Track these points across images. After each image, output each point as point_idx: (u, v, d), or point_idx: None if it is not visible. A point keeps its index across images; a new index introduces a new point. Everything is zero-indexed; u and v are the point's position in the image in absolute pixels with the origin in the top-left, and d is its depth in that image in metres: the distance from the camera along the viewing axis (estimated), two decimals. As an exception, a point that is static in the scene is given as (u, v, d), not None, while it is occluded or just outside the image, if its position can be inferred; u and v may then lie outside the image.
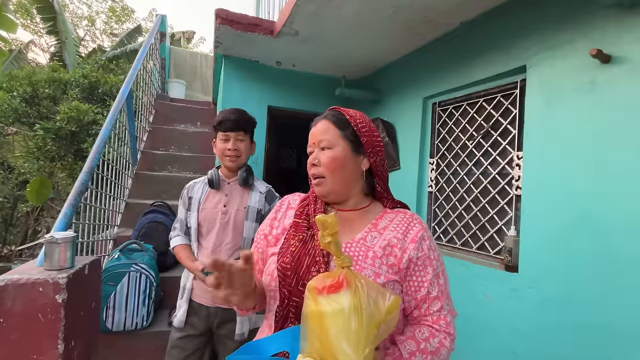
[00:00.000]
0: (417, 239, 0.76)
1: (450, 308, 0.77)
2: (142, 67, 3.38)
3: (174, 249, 1.53)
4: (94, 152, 2.00)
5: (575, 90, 1.43)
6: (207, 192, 1.53)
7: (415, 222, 0.79)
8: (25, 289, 1.29)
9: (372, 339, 0.55)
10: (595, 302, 1.30)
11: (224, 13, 2.18)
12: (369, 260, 0.73)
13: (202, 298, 1.48)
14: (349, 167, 0.79)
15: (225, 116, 1.49)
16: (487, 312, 1.70)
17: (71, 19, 10.87)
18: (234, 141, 1.48)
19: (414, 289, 0.75)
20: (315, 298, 0.59)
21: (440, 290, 0.76)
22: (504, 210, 1.78)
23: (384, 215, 0.81)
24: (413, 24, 2.01)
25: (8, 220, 6.58)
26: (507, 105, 1.81)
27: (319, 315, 0.57)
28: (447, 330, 0.74)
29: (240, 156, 1.50)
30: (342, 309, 0.55)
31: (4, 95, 4.69)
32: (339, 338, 0.55)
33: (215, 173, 1.52)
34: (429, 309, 0.75)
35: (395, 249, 0.75)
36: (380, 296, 0.58)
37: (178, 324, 1.47)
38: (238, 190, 1.52)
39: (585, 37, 1.41)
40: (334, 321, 0.55)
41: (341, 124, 0.81)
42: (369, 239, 0.77)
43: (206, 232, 1.49)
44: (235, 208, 1.49)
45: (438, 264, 0.77)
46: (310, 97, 3.00)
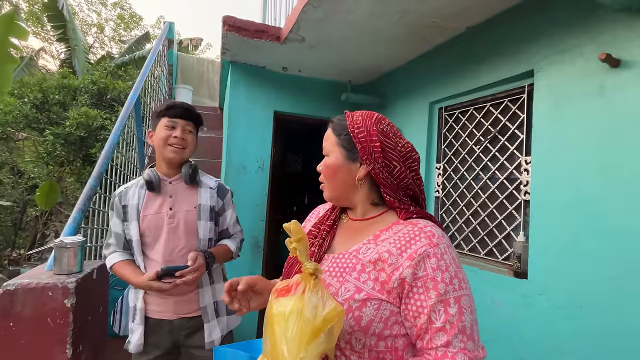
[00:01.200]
0: (415, 256, 0.64)
1: (465, 346, 0.62)
2: (150, 74, 3.42)
3: (113, 268, 1.32)
4: (102, 158, 2.03)
5: (584, 95, 1.41)
6: (146, 197, 1.34)
7: (422, 236, 0.67)
8: (35, 294, 1.31)
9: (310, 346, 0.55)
10: (606, 309, 1.28)
11: (231, 20, 2.20)
12: (355, 274, 0.68)
13: (161, 313, 1.32)
14: (342, 174, 0.77)
15: (175, 103, 1.35)
16: (495, 319, 1.68)
17: (81, 26, 11.07)
18: (182, 130, 1.33)
19: (412, 314, 0.64)
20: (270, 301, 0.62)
21: (447, 321, 0.62)
22: (512, 215, 1.77)
23: (393, 227, 0.73)
24: (419, 29, 2.01)
25: (17, 225, 6.67)
26: (514, 109, 1.80)
27: (270, 317, 0.60)
28: None
29: (185, 148, 1.34)
30: (284, 312, 0.57)
31: (15, 101, 4.78)
32: (281, 340, 0.56)
33: (153, 173, 1.32)
34: (432, 341, 0.62)
35: (385, 265, 0.66)
36: (320, 303, 0.57)
37: (136, 349, 1.30)
38: (183, 189, 1.36)
39: (593, 42, 1.40)
40: (278, 324, 0.57)
41: (339, 130, 0.78)
42: (363, 251, 0.71)
43: (152, 241, 1.31)
44: (184, 209, 1.33)
45: (449, 288, 0.63)
46: (316, 102, 3.01)
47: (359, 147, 0.74)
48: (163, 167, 1.37)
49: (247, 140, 2.81)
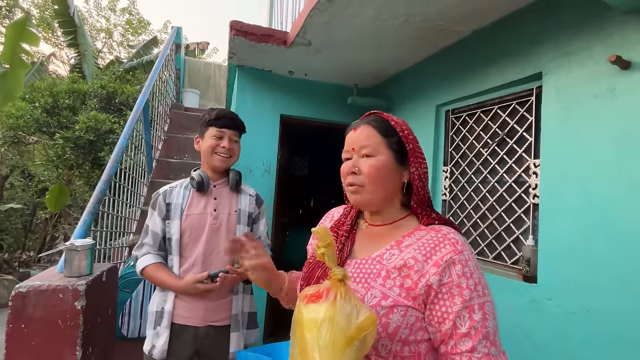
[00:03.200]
0: (441, 263, 0.65)
1: (488, 352, 0.62)
2: (158, 78, 3.46)
3: (146, 270, 1.33)
4: (112, 161, 2.05)
5: (593, 97, 1.40)
6: (191, 197, 1.38)
7: (446, 242, 0.68)
8: (46, 296, 1.33)
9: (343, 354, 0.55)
10: (618, 314, 1.26)
11: (238, 25, 2.22)
12: (380, 280, 0.68)
13: (188, 319, 1.32)
14: (391, 178, 0.74)
15: (223, 112, 1.40)
16: (504, 324, 1.66)
17: (90, 31, 11.27)
18: (229, 140, 1.38)
19: (437, 320, 0.64)
20: (299, 306, 0.61)
21: (472, 326, 0.62)
22: (520, 219, 1.75)
23: (415, 232, 0.73)
24: (425, 32, 2.01)
25: (28, 227, 6.78)
26: (522, 112, 1.79)
27: (299, 323, 0.59)
28: None
29: (232, 157, 1.40)
30: (316, 319, 0.56)
31: (27, 105, 4.87)
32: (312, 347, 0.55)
33: (203, 174, 1.38)
34: (456, 347, 0.63)
35: (412, 272, 0.66)
36: (354, 311, 0.57)
37: (160, 354, 1.27)
38: (226, 194, 1.42)
39: (603, 43, 1.39)
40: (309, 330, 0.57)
41: (386, 131, 0.75)
42: (386, 257, 0.71)
43: (191, 240, 1.34)
44: (226, 212, 1.38)
45: (474, 295, 0.64)
46: (323, 106, 3.02)
47: (410, 151, 0.75)
48: (208, 171, 1.42)
49: (253, 143, 2.82)
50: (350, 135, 0.78)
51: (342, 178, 0.79)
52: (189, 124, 4.12)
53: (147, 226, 1.39)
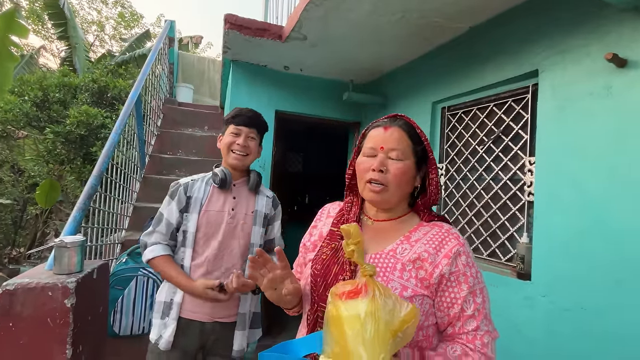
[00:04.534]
0: (451, 255, 0.73)
1: (488, 329, 0.73)
2: (151, 72, 3.41)
3: (154, 261, 1.31)
4: (103, 156, 2.01)
5: (589, 95, 1.40)
6: (211, 192, 1.38)
7: (451, 237, 0.76)
8: (35, 293, 1.30)
9: (387, 346, 0.57)
10: (611, 311, 1.27)
11: (232, 18, 2.19)
12: (397, 273, 0.73)
13: (195, 313, 1.31)
14: (410, 182, 0.80)
15: (241, 111, 1.40)
16: (497, 321, 1.66)
17: (81, 24, 11.05)
18: (245, 137, 1.36)
19: (447, 305, 0.72)
20: (335, 303, 0.62)
21: (476, 309, 0.72)
22: (515, 216, 1.75)
23: (419, 228, 0.79)
24: (421, 28, 2.00)
25: (18, 223, 6.67)
26: (518, 109, 1.79)
27: (338, 319, 0.60)
28: (482, 351, 0.70)
29: (248, 155, 1.38)
30: (359, 314, 0.58)
31: (16, 99, 4.77)
32: (355, 342, 0.57)
33: (227, 172, 1.37)
34: (463, 327, 0.72)
35: (426, 263, 0.73)
36: (397, 305, 0.60)
37: (166, 345, 1.27)
38: (245, 193, 1.42)
39: (599, 41, 1.39)
40: (351, 326, 0.58)
41: (415, 138, 0.80)
42: (399, 251, 0.76)
43: (205, 237, 1.34)
44: (243, 212, 1.38)
45: (475, 281, 0.73)
46: (318, 102, 3.00)
47: (431, 159, 0.81)
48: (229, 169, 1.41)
49: (248, 139, 2.79)
50: (380, 133, 0.80)
51: (362, 172, 0.80)
52: (182, 119, 4.07)
53: (161, 214, 1.36)
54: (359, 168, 0.81)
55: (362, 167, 0.80)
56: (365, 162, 0.79)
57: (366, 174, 0.78)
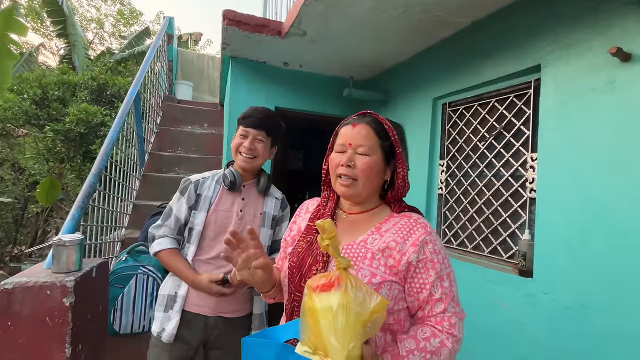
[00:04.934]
0: (417, 243, 0.78)
1: (456, 310, 0.78)
2: (150, 69, 3.39)
3: (161, 254, 1.32)
4: (101, 154, 2.00)
5: (592, 90, 1.38)
6: (220, 192, 1.37)
7: (419, 226, 0.81)
8: (33, 292, 1.29)
9: (357, 335, 0.62)
10: (614, 309, 1.26)
11: (231, 14, 2.17)
12: (367, 261, 0.78)
13: (199, 307, 1.32)
14: (379, 176, 0.85)
15: (252, 112, 1.36)
16: (499, 318, 1.66)
17: (80, 22, 11.01)
18: (252, 139, 1.33)
19: (416, 290, 0.77)
20: (310, 295, 0.66)
21: (443, 292, 0.77)
22: (517, 213, 1.74)
23: (390, 219, 0.85)
24: (423, 23, 1.97)
25: (19, 221, 6.68)
26: (520, 105, 1.77)
27: (312, 311, 0.64)
28: (450, 331, 0.76)
29: (256, 157, 1.34)
30: (331, 306, 0.62)
31: (15, 97, 4.75)
32: (328, 332, 0.61)
33: (236, 173, 1.36)
34: (432, 310, 0.77)
35: (394, 252, 0.78)
36: (367, 297, 0.64)
37: (169, 338, 1.28)
38: (254, 195, 1.41)
39: (603, 35, 1.36)
40: (324, 317, 0.62)
41: (381, 134, 0.85)
42: (370, 241, 0.81)
43: (212, 235, 1.34)
44: (252, 214, 1.37)
45: (442, 267, 0.78)
46: (318, 98, 2.98)
47: (398, 154, 0.86)
48: (238, 170, 1.39)
49: (247, 136, 2.78)
50: (348, 130, 0.85)
51: (333, 167, 0.86)
52: (181, 117, 4.05)
53: (170, 209, 1.37)
54: (331, 164, 0.87)
55: (333, 163, 0.86)
56: (336, 158, 0.85)
57: (337, 169, 0.84)
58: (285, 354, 0.70)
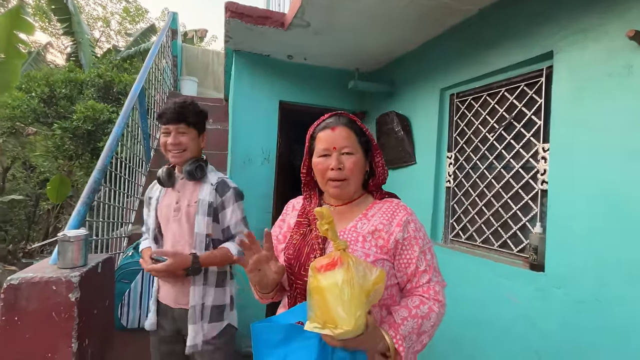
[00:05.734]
0: (402, 223, 0.87)
1: (438, 279, 0.89)
2: (154, 65, 3.38)
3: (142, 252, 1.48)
4: (106, 151, 2.00)
5: (608, 76, 1.32)
6: (165, 191, 1.47)
7: (400, 209, 0.91)
8: (39, 288, 1.30)
9: (362, 305, 0.68)
10: (628, 304, 1.21)
11: (233, 6, 2.13)
12: (359, 244, 0.86)
13: (166, 299, 1.41)
14: (363, 170, 0.93)
15: (166, 108, 1.39)
16: (509, 313, 1.62)
17: (87, 20, 11.08)
18: (175, 134, 1.37)
19: (404, 265, 0.87)
20: (315, 276, 0.72)
21: (427, 264, 0.87)
22: (528, 205, 1.69)
23: (373, 206, 0.93)
24: (431, 10, 1.91)
25: (31, 218, 6.80)
26: (531, 94, 1.71)
27: (319, 289, 0.70)
28: (435, 298, 0.85)
29: (185, 150, 1.38)
30: (337, 282, 0.68)
31: (23, 96, 4.80)
32: (335, 305, 0.67)
33: (163, 171, 1.44)
34: (419, 281, 0.87)
35: (382, 233, 0.86)
36: (367, 270, 0.71)
37: (150, 326, 1.42)
38: (189, 185, 1.43)
39: (619, 19, 1.30)
40: (331, 292, 0.68)
41: (358, 131, 0.92)
42: (359, 226, 0.89)
43: (163, 231, 1.45)
44: (186, 204, 1.40)
45: (424, 242, 0.88)
46: (323, 91, 2.93)
47: (374, 147, 0.94)
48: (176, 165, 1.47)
49: (252, 130, 2.76)
50: (328, 134, 0.90)
51: (321, 172, 0.90)
52: (187, 113, 4.04)
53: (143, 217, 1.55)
54: (317, 168, 0.91)
55: (321, 168, 0.90)
56: (322, 163, 0.90)
57: (326, 174, 0.89)
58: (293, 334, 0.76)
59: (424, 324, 0.82)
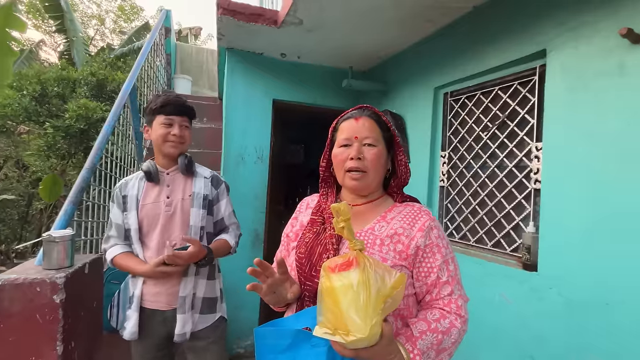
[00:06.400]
0: (424, 228, 0.81)
1: (461, 293, 0.81)
2: (146, 63, 3.34)
3: (114, 260, 1.38)
4: (95, 149, 1.97)
5: (601, 75, 1.31)
6: (145, 187, 1.41)
7: (423, 213, 0.85)
8: (23, 289, 1.26)
9: (379, 311, 0.61)
10: (623, 305, 1.20)
11: (225, 3, 2.11)
12: (377, 247, 0.80)
13: (155, 303, 1.37)
14: (384, 166, 0.88)
15: (169, 99, 1.37)
16: (503, 313, 1.61)
17: (81, 18, 10.97)
18: (179, 127, 1.37)
19: (424, 274, 0.80)
20: (328, 276, 0.66)
21: (450, 275, 0.80)
22: (521, 205, 1.68)
23: (394, 208, 0.87)
24: (423, 9, 1.90)
25: (24, 218, 6.72)
26: (524, 93, 1.70)
27: (332, 290, 0.64)
28: (458, 312, 0.78)
29: (184, 143, 1.40)
30: (352, 284, 0.62)
31: (15, 94, 4.74)
32: (349, 310, 0.61)
33: (151, 164, 1.39)
34: (440, 293, 0.79)
35: (402, 237, 0.80)
36: (386, 273, 0.64)
37: (130, 336, 1.35)
38: (180, 179, 1.42)
39: (612, 17, 1.29)
40: (344, 295, 0.62)
41: (382, 125, 0.89)
42: (377, 229, 0.83)
43: (149, 229, 1.38)
44: (179, 198, 1.38)
45: (447, 251, 0.81)
46: (317, 90, 2.91)
47: (397, 143, 0.89)
48: (160, 159, 1.42)
49: (245, 129, 2.73)
50: (352, 124, 0.87)
51: (340, 162, 0.86)
52: (181, 111, 4.00)
53: (110, 219, 1.43)
54: (337, 159, 0.87)
55: (340, 158, 0.86)
56: (343, 153, 0.86)
57: (345, 164, 0.85)
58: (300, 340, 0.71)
59: (445, 340, 0.74)
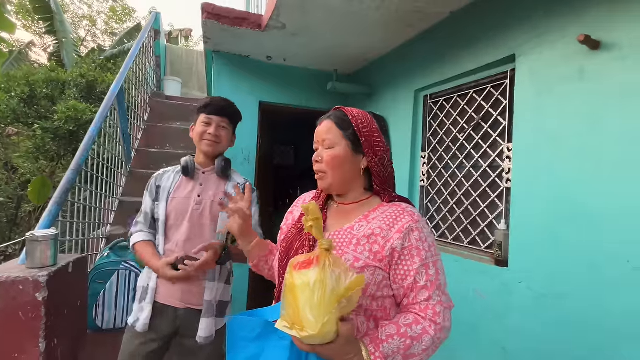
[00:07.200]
0: (403, 230, 0.78)
1: (441, 299, 0.78)
2: (135, 65, 3.36)
3: (135, 246, 1.38)
4: (81, 150, 2.00)
5: (564, 79, 1.38)
6: (179, 181, 1.42)
7: (405, 214, 0.82)
8: (5, 287, 1.29)
9: (332, 310, 0.63)
10: (587, 296, 1.26)
11: (210, 7, 2.15)
12: (352, 247, 0.80)
13: (169, 298, 1.35)
14: (348, 165, 0.86)
15: (213, 100, 1.42)
16: (477, 308, 1.67)
17: (72, 19, 10.90)
18: (217, 126, 1.39)
19: (401, 277, 0.78)
20: (291, 273, 0.68)
21: (429, 280, 0.77)
22: (494, 203, 1.74)
23: (379, 208, 0.86)
24: (403, 14, 1.96)
25: (13, 220, 6.65)
26: (497, 95, 1.77)
27: (293, 287, 0.66)
28: (433, 319, 0.75)
29: (220, 143, 1.41)
30: (309, 282, 0.64)
31: (3, 96, 4.72)
32: (305, 307, 0.63)
33: (190, 160, 1.42)
34: (417, 297, 0.77)
35: (379, 238, 0.79)
36: (343, 274, 0.65)
37: (142, 328, 1.32)
38: (214, 180, 1.43)
39: (576, 23, 1.36)
40: (302, 292, 0.64)
41: (343, 125, 0.87)
42: (356, 228, 0.83)
43: (175, 224, 1.37)
44: (210, 199, 1.39)
45: (428, 255, 0.78)
46: (302, 92, 2.96)
47: (363, 141, 0.86)
48: (200, 157, 1.45)
49: (232, 131, 2.77)
50: (317, 129, 0.91)
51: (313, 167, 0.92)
52: (170, 113, 4.03)
53: (142, 206, 1.44)
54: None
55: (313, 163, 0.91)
56: (313, 158, 0.91)
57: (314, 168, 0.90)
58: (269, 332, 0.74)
59: (414, 346, 0.72)
